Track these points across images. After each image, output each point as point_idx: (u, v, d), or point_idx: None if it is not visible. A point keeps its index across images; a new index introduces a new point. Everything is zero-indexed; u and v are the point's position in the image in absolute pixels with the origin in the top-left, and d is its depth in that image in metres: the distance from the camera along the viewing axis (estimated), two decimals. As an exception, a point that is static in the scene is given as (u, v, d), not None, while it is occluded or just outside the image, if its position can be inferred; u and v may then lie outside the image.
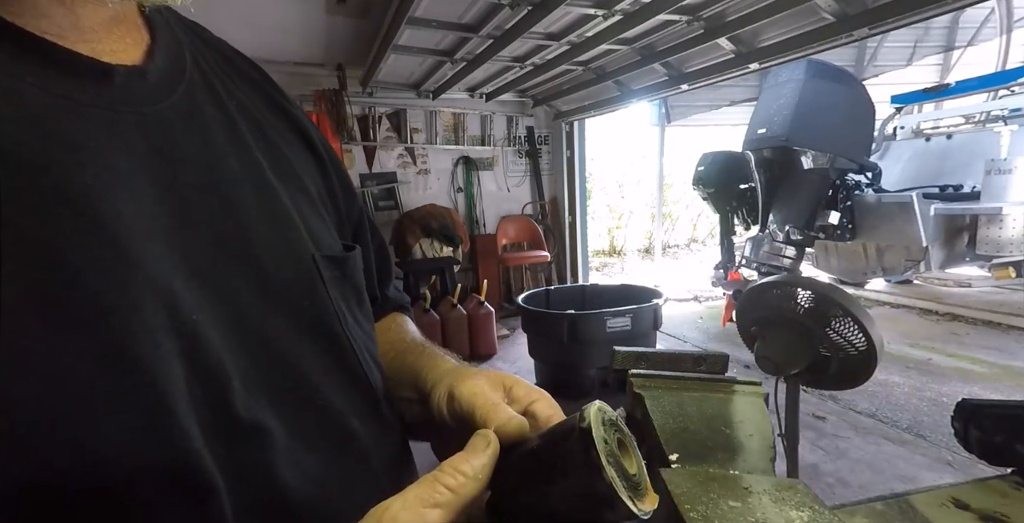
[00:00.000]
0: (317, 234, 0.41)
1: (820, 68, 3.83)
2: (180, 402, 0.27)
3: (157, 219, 0.29)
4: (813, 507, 0.50)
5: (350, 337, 0.40)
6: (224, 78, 0.41)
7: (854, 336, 1.20)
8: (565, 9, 2.69)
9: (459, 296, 3.98)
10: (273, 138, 0.42)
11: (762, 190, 4.13)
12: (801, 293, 1.25)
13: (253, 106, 0.42)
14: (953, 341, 4.09)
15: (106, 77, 0.30)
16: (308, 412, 0.35)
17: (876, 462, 2.40)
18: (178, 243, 0.30)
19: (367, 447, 0.39)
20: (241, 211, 0.35)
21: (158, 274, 0.28)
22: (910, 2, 2.11)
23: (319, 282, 0.39)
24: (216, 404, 0.29)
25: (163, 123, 0.32)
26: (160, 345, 0.27)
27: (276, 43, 3.52)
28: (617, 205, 9.66)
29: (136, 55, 0.33)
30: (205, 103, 0.37)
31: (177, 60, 0.36)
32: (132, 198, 0.28)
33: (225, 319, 0.31)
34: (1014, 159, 3.57)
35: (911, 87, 5.40)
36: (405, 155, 4.76)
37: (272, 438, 0.32)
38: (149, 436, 0.25)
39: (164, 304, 0.28)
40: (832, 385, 1.37)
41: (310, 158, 0.47)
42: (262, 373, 0.33)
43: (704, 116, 7.18)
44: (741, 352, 1.91)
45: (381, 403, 0.43)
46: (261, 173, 0.38)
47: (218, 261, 0.32)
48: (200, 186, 0.33)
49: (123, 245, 0.27)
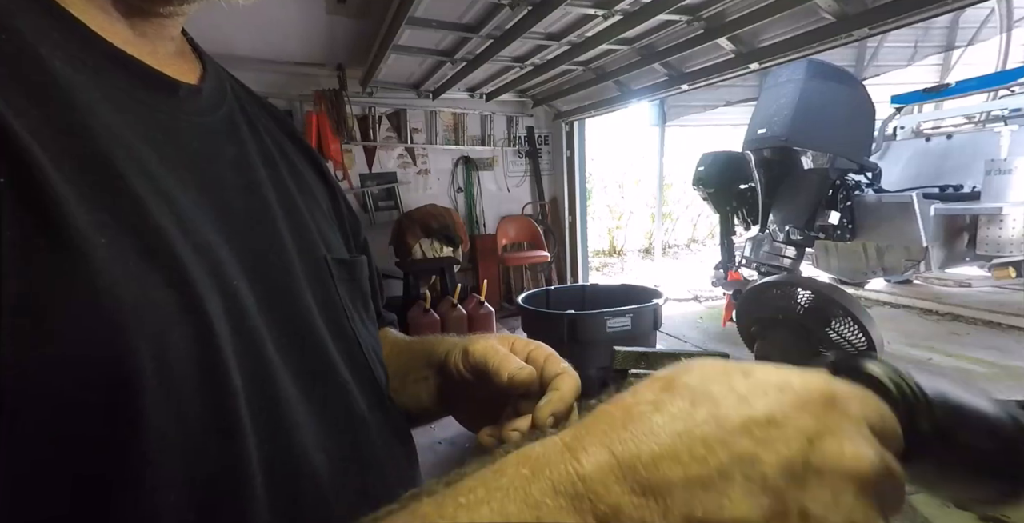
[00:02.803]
0: (329, 240, 0.47)
1: (820, 68, 3.82)
2: (227, 350, 0.30)
3: (204, 207, 0.34)
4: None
5: (357, 334, 0.44)
6: (254, 108, 0.48)
7: (854, 336, 1.20)
8: (565, 9, 2.69)
9: (459, 296, 3.98)
10: (292, 160, 0.49)
11: (762, 190, 4.13)
12: (801, 293, 1.25)
13: (276, 133, 0.49)
14: (953, 341, 4.09)
15: (174, 90, 0.37)
16: (327, 389, 0.39)
17: (876, 462, 2.40)
18: (220, 228, 0.35)
19: (374, 434, 0.42)
20: (269, 211, 0.41)
21: (207, 241, 0.33)
22: (910, 2, 2.11)
23: (330, 281, 0.43)
24: (253, 359, 0.33)
25: (211, 132, 0.39)
26: (213, 299, 0.31)
27: (276, 43, 3.52)
28: (617, 205, 9.65)
29: (193, 78, 0.41)
30: (240, 122, 0.44)
31: (221, 86, 0.44)
32: (184, 187, 0.33)
33: (260, 292, 0.35)
34: (1014, 159, 3.56)
35: (911, 87, 5.40)
36: (405, 155, 4.76)
37: (296, 404, 0.35)
38: (203, 369, 0.29)
39: (212, 268, 0.32)
40: (832, 385, 1.37)
41: (321, 184, 0.53)
42: (290, 344, 0.37)
43: (704, 116, 7.18)
44: (741, 352, 1.92)
45: (385, 398, 0.46)
46: (283, 182, 0.44)
47: (253, 246, 0.37)
48: (236, 186, 0.39)
49: (182, 211, 0.32)
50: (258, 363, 0.33)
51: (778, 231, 3.85)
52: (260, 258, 0.37)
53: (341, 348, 0.42)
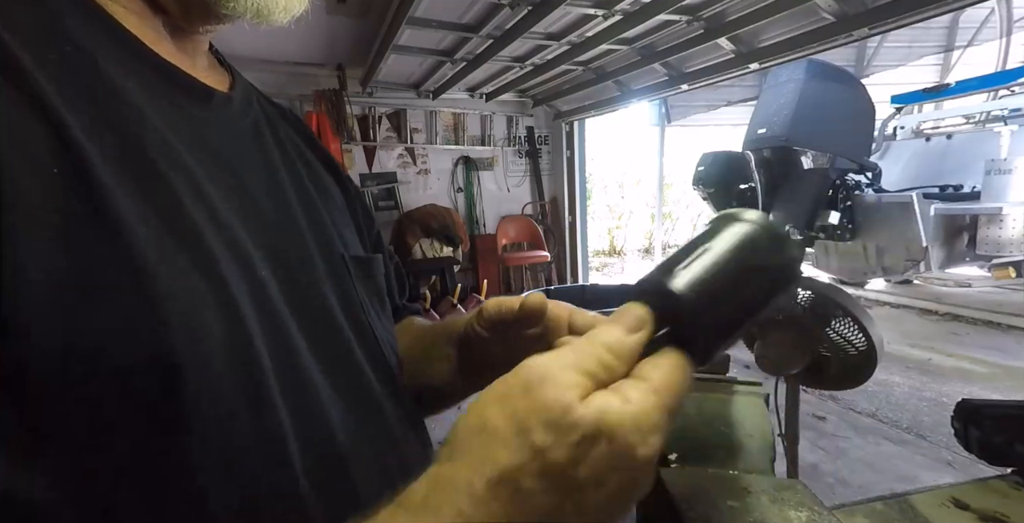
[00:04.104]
0: (347, 239, 0.50)
1: (820, 68, 3.83)
2: (254, 330, 0.33)
3: (233, 202, 0.37)
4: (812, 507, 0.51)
5: (373, 327, 0.47)
6: (276, 118, 0.51)
7: (854, 336, 1.20)
8: (565, 9, 2.69)
9: (459, 296, 3.98)
10: (311, 163, 0.52)
11: (762, 190, 4.13)
12: (801, 293, 1.25)
13: (295, 139, 0.53)
14: (953, 341, 4.09)
15: (209, 97, 0.41)
16: (348, 372, 0.41)
17: (876, 462, 2.40)
18: (246, 225, 0.37)
19: (390, 416, 0.44)
20: (291, 211, 0.43)
21: (237, 236, 0.35)
22: (910, 2, 2.11)
23: (348, 277, 0.46)
24: (280, 340, 0.35)
25: (240, 137, 0.43)
26: (241, 286, 0.33)
27: (276, 43, 3.52)
28: (617, 205, 9.65)
29: (224, 88, 0.44)
30: (264, 129, 0.47)
31: (248, 96, 0.47)
32: (216, 186, 0.36)
33: (283, 284, 0.38)
34: (1014, 159, 3.56)
35: (911, 87, 5.40)
36: (405, 155, 4.76)
37: (323, 388, 0.38)
38: (233, 351, 0.31)
39: (240, 259, 0.34)
40: (832, 385, 1.37)
41: (337, 186, 0.56)
42: (313, 330, 0.39)
43: (704, 116, 7.18)
44: (741, 352, 1.91)
45: (399, 386, 0.48)
46: (304, 185, 0.47)
47: (276, 244, 0.40)
48: (262, 188, 0.42)
49: (214, 208, 0.34)
50: (284, 344, 0.36)
51: (778, 231, 3.85)
52: (283, 255, 0.40)
53: (358, 338, 0.44)
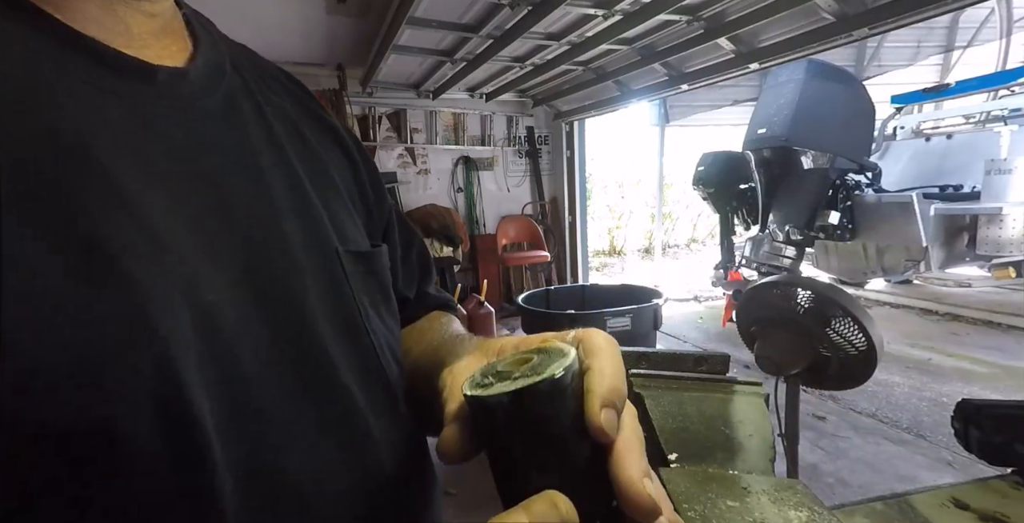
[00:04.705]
0: (343, 230, 0.42)
1: (820, 68, 3.83)
2: (191, 377, 0.27)
3: (188, 204, 0.31)
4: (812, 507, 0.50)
5: (370, 331, 0.40)
6: (263, 86, 0.43)
7: (854, 336, 1.20)
8: (565, 9, 2.69)
9: (459, 296, 3.98)
10: (308, 140, 0.44)
11: (762, 190, 4.13)
12: (801, 293, 1.25)
13: (291, 112, 0.45)
14: (953, 341, 4.09)
15: (150, 76, 0.32)
16: (327, 398, 0.35)
17: (876, 462, 2.40)
18: (207, 228, 0.32)
19: (380, 445, 0.38)
20: (273, 203, 0.37)
21: (183, 254, 0.29)
22: (910, 2, 2.11)
23: (342, 275, 0.40)
24: (226, 380, 0.29)
25: (202, 118, 0.35)
26: (180, 315, 0.27)
27: (276, 43, 3.52)
28: (617, 205, 9.66)
29: (179, 60, 0.36)
30: (243, 104, 0.39)
31: (218, 66, 0.38)
32: (163, 183, 0.30)
33: (244, 300, 0.32)
34: (1014, 159, 3.57)
35: (911, 87, 5.40)
36: (405, 155, 4.76)
37: (285, 426, 0.32)
38: (155, 404, 0.25)
39: (186, 279, 0.29)
40: (832, 385, 1.38)
41: (344, 162, 0.49)
42: (283, 356, 0.33)
43: (704, 116, 7.18)
44: (741, 352, 1.91)
45: (399, 402, 0.42)
46: (292, 170, 0.40)
47: (249, 247, 0.34)
48: (235, 177, 0.35)
49: (150, 223, 0.28)
50: (234, 384, 0.30)
51: (778, 231, 3.86)
52: (258, 255, 0.34)
53: (349, 352, 0.38)
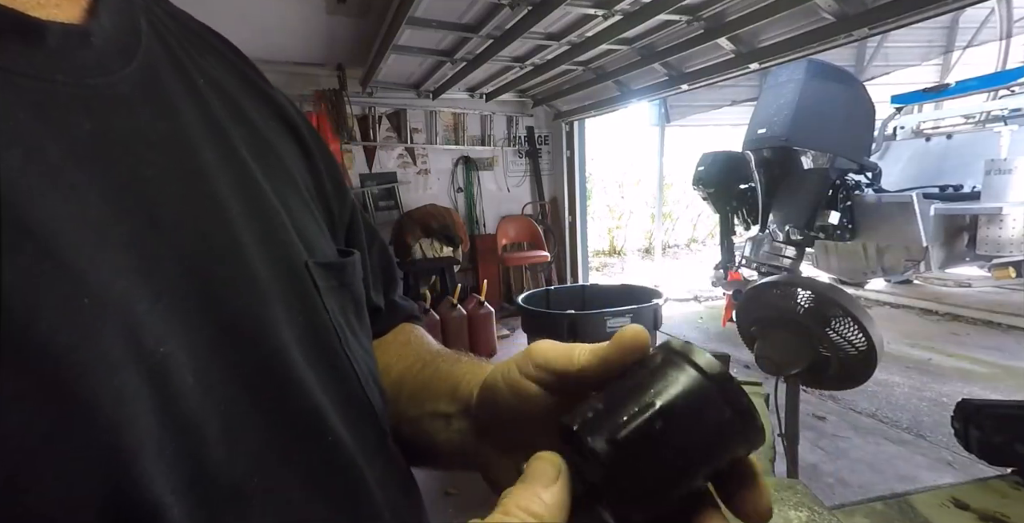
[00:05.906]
0: (310, 237, 0.35)
1: (820, 68, 3.83)
2: (147, 458, 0.21)
3: (109, 222, 0.23)
4: (812, 507, 0.50)
5: (350, 356, 0.34)
6: (191, 51, 0.33)
7: (854, 336, 1.20)
8: (565, 9, 2.69)
9: (459, 296, 3.97)
10: (255, 124, 0.35)
11: (762, 190, 4.13)
12: (801, 293, 1.25)
13: (229, 85, 0.35)
14: (953, 341, 4.09)
15: (35, 37, 0.23)
16: (312, 452, 0.29)
17: (876, 462, 2.40)
18: (140, 252, 0.24)
19: (374, 490, 0.32)
20: (221, 210, 0.28)
21: (113, 293, 0.22)
22: (910, 2, 2.11)
23: (314, 293, 0.32)
24: (193, 456, 0.23)
25: (115, 100, 0.25)
26: (124, 386, 0.21)
27: (276, 43, 3.52)
28: (617, 205, 9.66)
29: (74, 13, 0.25)
30: (169, 77, 0.29)
31: (129, 23, 0.29)
32: (72, 196, 0.22)
33: (205, 346, 0.25)
34: (1014, 159, 3.57)
35: (911, 87, 5.40)
36: (405, 155, 4.76)
37: (263, 495, 0.26)
38: (105, 499, 0.20)
39: (124, 333, 0.21)
40: (832, 385, 1.38)
41: (296, 150, 0.39)
42: (257, 407, 0.27)
43: (704, 116, 7.18)
44: (741, 352, 1.92)
45: (387, 435, 0.37)
46: (242, 164, 0.31)
47: (195, 272, 0.26)
48: (167, 179, 0.26)
49: (61, 256, 0.20)
50: (199, 464, 0.23)
51: (778, 231, 3.86)
52: (209, 282, 0.26)
53: (332, 389, 0.31)
